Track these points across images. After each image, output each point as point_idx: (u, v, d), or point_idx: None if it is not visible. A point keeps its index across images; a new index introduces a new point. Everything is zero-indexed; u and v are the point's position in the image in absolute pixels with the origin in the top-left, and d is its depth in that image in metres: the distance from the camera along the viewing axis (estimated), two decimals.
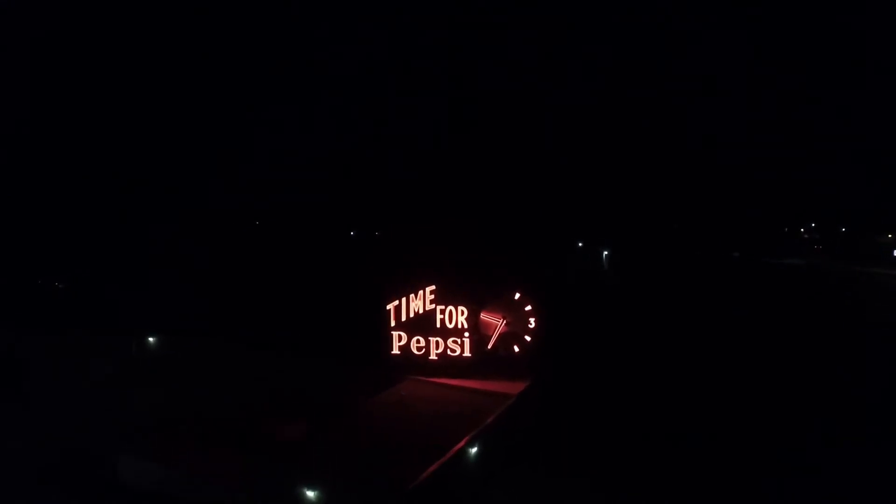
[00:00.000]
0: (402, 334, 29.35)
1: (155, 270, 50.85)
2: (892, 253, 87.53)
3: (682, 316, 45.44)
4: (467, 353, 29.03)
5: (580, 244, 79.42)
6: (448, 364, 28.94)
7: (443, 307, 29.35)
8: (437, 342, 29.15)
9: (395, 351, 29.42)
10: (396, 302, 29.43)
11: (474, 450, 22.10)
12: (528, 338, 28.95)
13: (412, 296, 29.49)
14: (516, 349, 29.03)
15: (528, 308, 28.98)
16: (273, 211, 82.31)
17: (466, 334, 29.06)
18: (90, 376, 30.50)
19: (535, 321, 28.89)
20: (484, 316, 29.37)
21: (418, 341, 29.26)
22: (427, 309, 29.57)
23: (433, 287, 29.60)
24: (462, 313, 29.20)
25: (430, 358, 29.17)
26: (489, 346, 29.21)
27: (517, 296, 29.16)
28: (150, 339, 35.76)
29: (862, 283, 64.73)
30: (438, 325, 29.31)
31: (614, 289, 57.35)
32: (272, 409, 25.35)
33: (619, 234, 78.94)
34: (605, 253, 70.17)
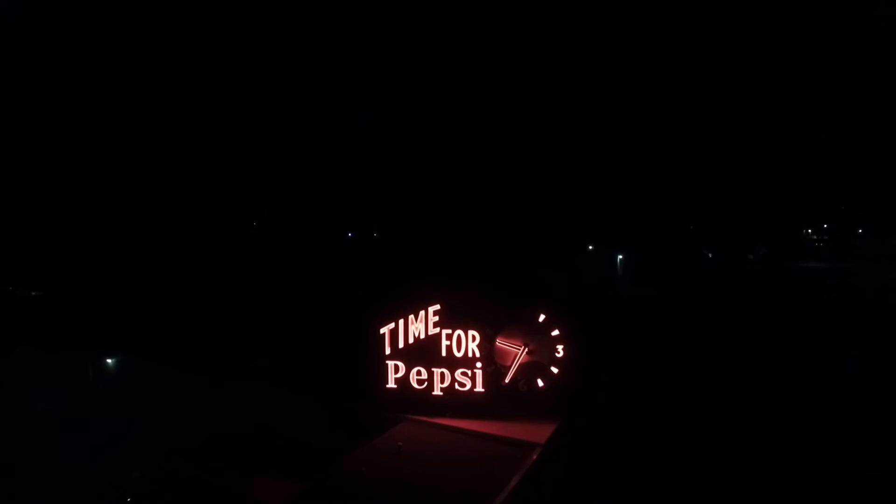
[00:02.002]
0: (399, 364, 24.00)
1: (122, 283, 45.21)
2: None
3: (722, 337, 39.87)
4: (479, 388, 23.61)
5: (590, 247, 74.20)
6: (456, 401, 23.55)
7: (449, 331, 23.92)
8: (441, 374, 23.77)
9: (391, 384, 24.07)
10: (392, 324, 24.06)
11: None
12: (554, 369, 23.48)
13: (412, 317, 24.07)
14: (540, 383, 23.55)
15: (556, 333, 23.51)
16: (260, 214, 76.61)
17: (479, 365, 23.66)
18: (31, 405, 25.82)
19: (563, 349, 23.43)
20: (500, 342, 23.92)
21: (419, 373, 23.90)
22: (430, 333, 24.17)
23: (437, 307, 24.16)
24: (473, 339, 23.77)
25: (434, 394, 23.79)
26: (507, 380, 23.77)
27: (542, 317, 23.69)
28: (109, 361, 30.67)
29: None
30: (444, 354, 23.89)
31: (634, 301, 51.88)
32: (241, 461, 20.99)
33: (634, 235, 73.68)
34: (620, 257, 64.72)
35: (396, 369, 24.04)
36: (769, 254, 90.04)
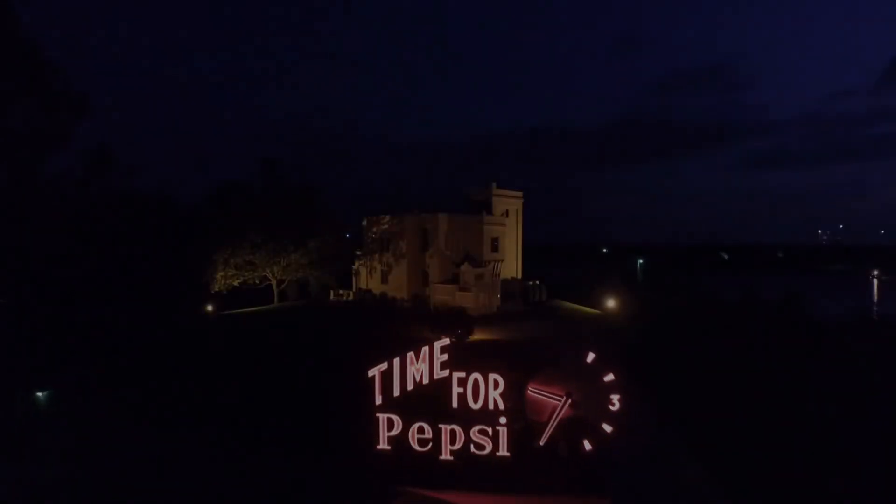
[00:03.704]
0: (395, 418, 18.00)
1: (61, 306, 38.25)
2: None
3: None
4: (504, 451, 17.56)
5: (604, 250, 68.65)
6: (472, 469, 17.51)
7: (463, 374, 17.79)
8: (452, 432, 17.72)
9: (383, 445, 17.98)
10: (385, 365, 17.93)
11: None
12: (607, 427, 17.25)
13: (411, 355, 17.95)
14: (588, 446, 17.34)
15: (609, 378, 17.26)
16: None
17: (503, 420, 17.53)
18: None
19: (619, 399, 17.19)
20: (533, 390, 17.71)
21: (421, 430, 17.90)
22: (436, 377, 18.02)
23: (446, 341, 17.95)
24: (495, 385, 17.63)
25: (442, 458, 17.82)
26: (541, 441, 17.58)
27: (590, 357, 17.44)
28: (40, 394, 27.59)
29: None
30: (456, 405, 17.86)
31: (658, 307, 45.81)
32: None
33: (651, 238, 68.09)
34: (640, 261, 58.95)
35: (391, 425, 17.99)
36: (795, 254, 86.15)
